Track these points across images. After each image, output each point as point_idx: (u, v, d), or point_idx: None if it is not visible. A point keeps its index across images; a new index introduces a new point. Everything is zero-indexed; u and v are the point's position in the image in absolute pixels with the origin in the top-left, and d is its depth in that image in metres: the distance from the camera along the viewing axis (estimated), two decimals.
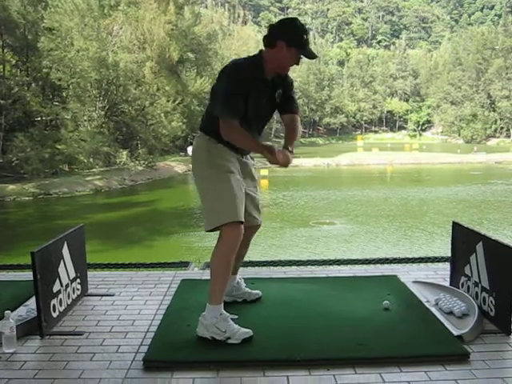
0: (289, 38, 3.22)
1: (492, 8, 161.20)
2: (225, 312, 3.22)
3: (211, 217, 3.26)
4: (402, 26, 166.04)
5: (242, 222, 3.22)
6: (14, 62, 35.45)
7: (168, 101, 42.56)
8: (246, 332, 3.17)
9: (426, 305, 3.69)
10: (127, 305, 3.84)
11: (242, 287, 3.78)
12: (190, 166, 3.54)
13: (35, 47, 33.18)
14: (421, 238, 18.77)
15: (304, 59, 3.32)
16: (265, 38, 3.30)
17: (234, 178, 3.30)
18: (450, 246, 4.08)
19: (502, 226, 20.29)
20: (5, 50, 33.80)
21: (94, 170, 35.62)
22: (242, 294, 3.77)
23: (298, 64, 3.34)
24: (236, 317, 3.32)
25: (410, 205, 26.31)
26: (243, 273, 4.51)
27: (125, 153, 38.00)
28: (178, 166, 44.31)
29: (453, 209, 24.95)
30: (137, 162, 38.41)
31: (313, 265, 5.06)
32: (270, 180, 34.59)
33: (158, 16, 45.40)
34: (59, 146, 32.49)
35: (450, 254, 4.15)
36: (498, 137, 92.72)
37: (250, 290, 3.80)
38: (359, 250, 16.74)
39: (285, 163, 3.22)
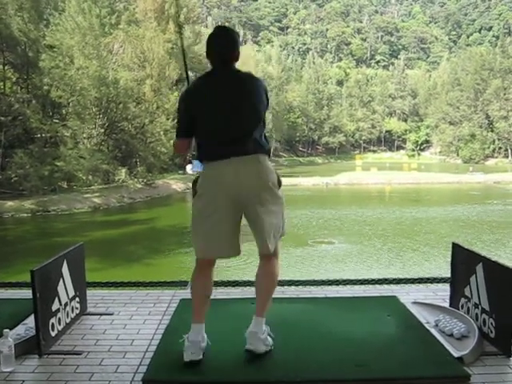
0: None
1: (490, 29, 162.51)
2: None
3: (278, 237, 3.44)
4: (400, 47, 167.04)
5: None
6: (14, 79, 35.60)
7: (168, 119, 42.67)
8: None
9: (426, 326, 3.68)
10: (126, 324, 3.83)
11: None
12: (258, 189, 3.25)
13: (36, 65, 33.33)
14: (412, 258, 18.76)
15: None
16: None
17: None
18: (442, 267, 4.10)
19: (496, 246, 20.17)
20: (6, 67, 33.97)
21: (92, 187, 35.62)
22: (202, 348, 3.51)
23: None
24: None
25: (405, 224, 26.28)
26: (242, 293, 4.50)
27: (124, 170, 38.02)
28: (176, 184, 44.33)
29: (447, 229, 24.96)
30: (135, 179, 38.41)
31: (311, 285, 5.05)
32: None
33: (157, 35, 45.73)
34: (58, 163, 32.48)
35: (448, 275, 4.15)
36: (497, 157, 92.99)
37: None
38: (354, 269, 16.71)
39: None
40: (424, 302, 4.17)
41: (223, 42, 3.34)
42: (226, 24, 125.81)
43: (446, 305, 4.05)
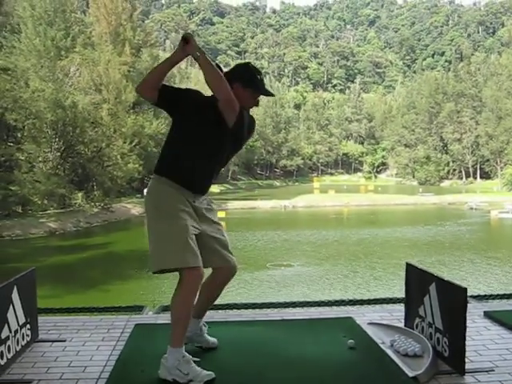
0: (243, 79, 3.44)
1: (442, 54, 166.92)
2: (187, 354, 3.16)
3: (158, 259, 3.23)
4: (356, 71, 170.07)
5: (199, 267, 3.19)
6: None
7: (125, 142, 42.41)
8: (208, 374, 3.11)
9: (382, 346, 3.69)
10: (79, 351, 3.73)
11: (203, 334, 3.68)
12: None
13: None
14: (366, 278, 18.97)
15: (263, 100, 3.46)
16: None
17: (186, 222, 3.25)
18: (392, 289, 4.12)
19: (437, 268, 20.34)
20: None
21: (48, 211, 35.02)
22: (201, 342, 3.67)
23: (257, 105, 3.57)
24: (198, 359, 3.26)
25: (361, 246, 26.70)
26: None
27: (80, 194, 37.56)
28: (134, 208, 43.94)
29: (396, 250, 25.33)
30: (92, 203, 37.98)
31: (268, 307, 5.03)
32: (226, 222, 34.48)
33: (113, 58, 45.60)
34: (13, 188, 31.87)
35: (403, 295, 4.18)
36: (451, 178, 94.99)
37: (208, 338, 3.71)
38: (312, 292, 16.75)
39: None
40: (379, 323, 4.18)
41: None
42: None
43: (401, 325, 4.07)
